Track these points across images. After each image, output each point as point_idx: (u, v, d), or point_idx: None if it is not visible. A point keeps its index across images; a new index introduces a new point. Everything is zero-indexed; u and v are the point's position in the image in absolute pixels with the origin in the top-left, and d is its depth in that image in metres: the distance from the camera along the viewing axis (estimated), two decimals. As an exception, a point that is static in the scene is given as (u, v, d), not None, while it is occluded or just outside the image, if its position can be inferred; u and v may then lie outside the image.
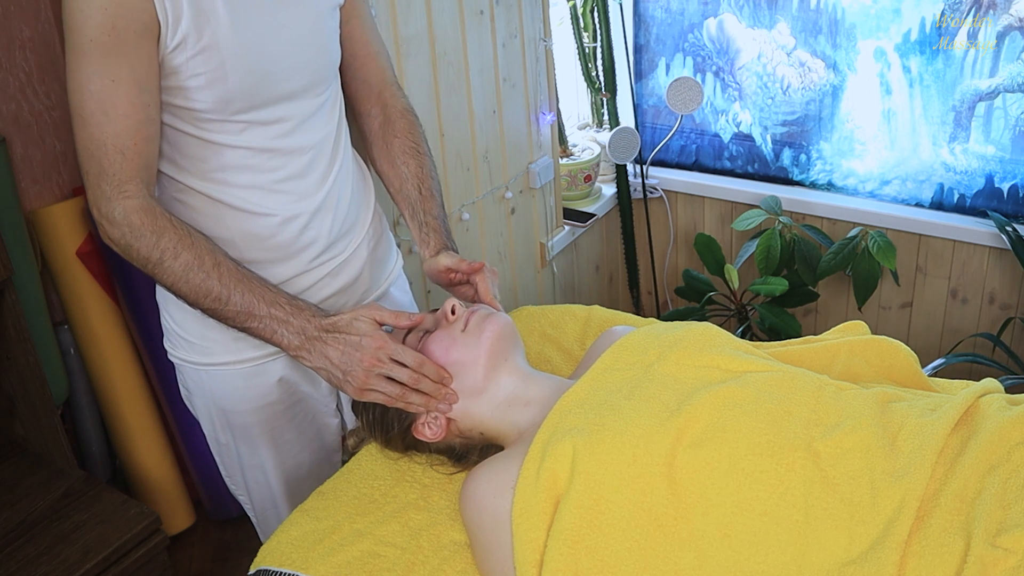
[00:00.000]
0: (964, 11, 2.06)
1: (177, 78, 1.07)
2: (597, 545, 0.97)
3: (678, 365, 1.11)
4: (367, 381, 1.11)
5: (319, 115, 1.22)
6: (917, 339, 2.44)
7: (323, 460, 1.43)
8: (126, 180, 1.06)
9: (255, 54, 1.10)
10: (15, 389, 1.67)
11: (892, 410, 1.04)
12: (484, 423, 1.16)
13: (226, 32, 1.06)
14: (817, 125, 2.38)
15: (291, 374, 1.30)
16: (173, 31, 1.04)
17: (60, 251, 1.87)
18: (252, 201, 1.18)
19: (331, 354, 1.11)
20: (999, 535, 0.88)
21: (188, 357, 1.27)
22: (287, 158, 1.19)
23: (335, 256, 1.28)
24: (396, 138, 1.34)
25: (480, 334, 1.15)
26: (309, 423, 1.37)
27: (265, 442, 1.33)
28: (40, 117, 1.83)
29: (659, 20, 2.52)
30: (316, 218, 1.23)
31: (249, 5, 1.08)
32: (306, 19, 1.16)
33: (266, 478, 1.38)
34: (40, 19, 1.78)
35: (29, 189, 1.85)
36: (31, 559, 1.50)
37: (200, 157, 1.14)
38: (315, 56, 1.19)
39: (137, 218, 1.06)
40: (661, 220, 2.72)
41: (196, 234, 1.10)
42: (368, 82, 1.34)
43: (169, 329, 1.29)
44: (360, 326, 1.12)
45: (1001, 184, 2.18)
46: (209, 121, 1.12)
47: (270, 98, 1.14)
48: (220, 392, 1.28)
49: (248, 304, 1.10)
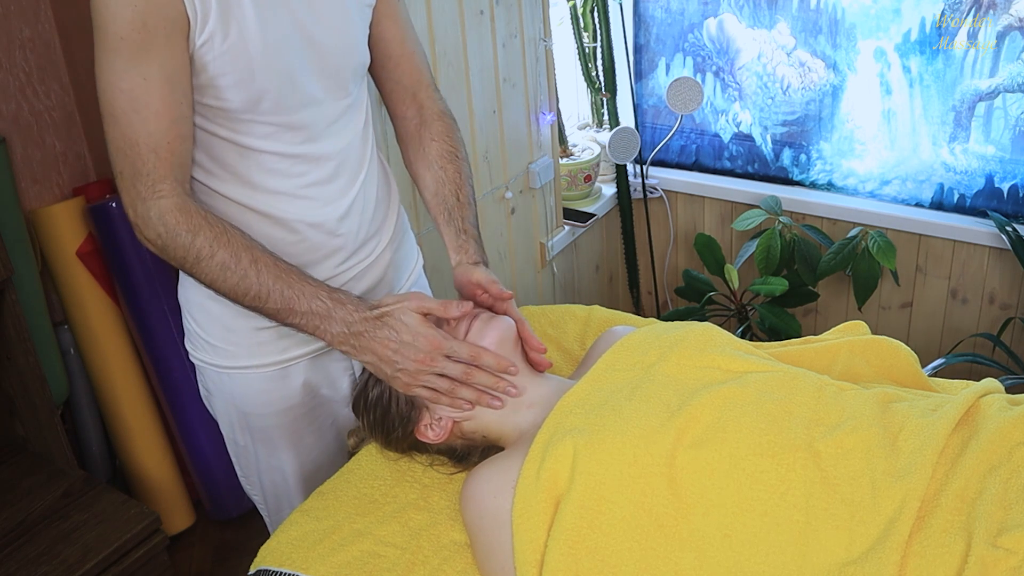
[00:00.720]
0: (964, 11, 2.06)
1: (206, 76, 1.05)
2: (597, 545, 0.97)
3: (679, 365, 1.11)
4: (418, 378, 1.10)
5: (345, 118, 1.20)
6: (917, 339, 2.44)
7: (342, 462, 1.43)
8: (160, 179, 1.04)
9: (282, 55, 1.08)
10: (15, 389, 1.67)
11: (893, 410, 1.04)
12: (488, 426, 1.16)
13: (253, 31, 1.04)
14: (817, 125, 2.38)
15: (313, 377, 1.29)
16: (202, 27, 1.02)
17: (60, 251, 1.87)
18: (279, 207, 1.16)
19: (380, 351, 1.10)
20: (1000, 535, 0.88)
21: (210, 359, 1.26)
22: (314, 163, 1.17)
23: (360, 261, 1.26)
24: (434, 141, 1.30)
25: (482, 338, 1.15)
26: (328, 426, 1.37)
27: (285, 445, 1.32)
28: (40, 117, 1.83)
29: (659, 20, 2.52)
30: (343, 224, 1.22)
31: (276, 4, 1.06)
32: (335, 20, 1.14)
33: (284, 480, 1.37)
34: (40, 19, 1.78)
35: (29, 189, 1.85)
36: (31, 559, 1.50)
37: (229, 161, 1.13)
38: (343, 58, 1.17)
39: (172, 218, 1.05)
40: (661, 220, 2.72)
41: (232, 231, 1.08)
42: (403, 83, 1.30)
43: (191, 331, 1.27)
44: (410, 322, 1.09)
45: (1001, 184, 2.18)
46: (239, 122, 1.10)
47: (298, 100, 1.12)
48: (241, 395, 1.27)
49: (288, 300, 1.08)
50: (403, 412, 1.17)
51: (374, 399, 1.19)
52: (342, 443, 1.41)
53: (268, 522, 1.46)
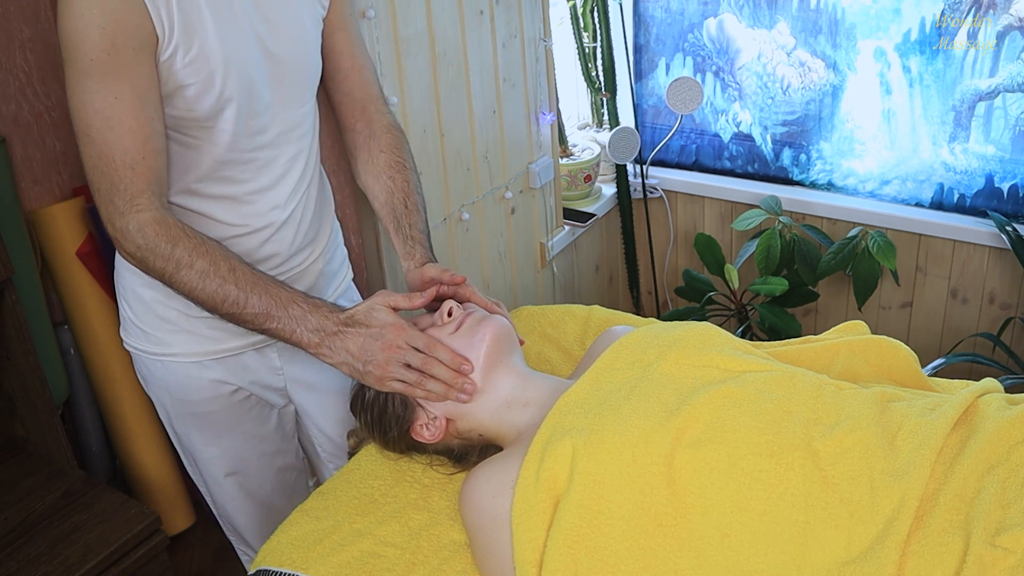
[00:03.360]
0: (964, 11, 2.06)
1: (171, 86, 1.08)
2: (597, 545, 0.97)
3: (677, 365, 1.11)
4: (387, 369, 1.11)
5: (299, 129, 1.24)
6: (917, 339, 2.44)
7: (280, 452, 1.44)
8: (138, 194, 1.06)
9: (242, 65, 1.11)
10: (15, 389, 1.67)
11: (892, 410, 1.04)
12: (483, 424, 1.16)
13: (213, 43, 1.07)
14: (817, 125, 2.38)
15: (245, 369, 1.31)
16: (168, 42, 1.04)
17: (60, 251, 1.87)
18: (220, 210, 1.19)
19: (351, 347, 1.12)
20: (998, 534, 0.88)
21: (141, 346, 1.29)
22: (262, 170, 1.20)
23: (291, 268, 1.29)
24: (382, 153, 1.34)
25: (474, 336, 1.15)
26: (265, 416, 1.38)
27: (217, 435, 1.35)
28: (40, 117, 1.83)
29: (659, 20, 2.52)
30: (280, 231, 1.25)
31: (234, 15, 1.09)
32: (291, 31, 1.17)
33: (220, 470, 1.39)
34: (40, 19, 1.78)
35: (29, 189, 1.85)
36: (31, 559, 1.50)
37: (181, 167, 1.15)
38: (299, 67, 1.20)
39: (151, 230, 1.07)
40: (661, 220, 2.72)
41: (210, 241, 1.11)
42: (352, 95, 1.34)
43: (125, 318, 1.30)
44: (379, 316, 1.12)
45: (1001, 184, 2.18)
46: (200, 129, 1.13)
47: (257, 109, 1.15)
48: (174, 382, 1.29)
49: (266, 306, 1.11)
50: (398, 412, 1.17)
51: (370, 400, 1.20)
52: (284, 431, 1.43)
53: (216, 514, 1.48)
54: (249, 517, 1.45)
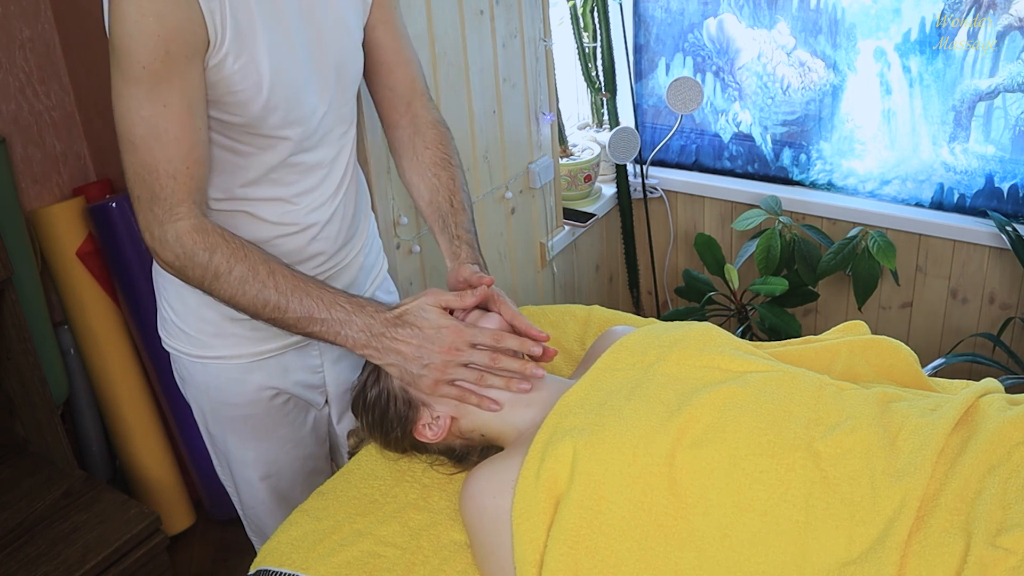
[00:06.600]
0: (964, 11, 2.07)
1: (218, 92, 1.06)
2: (597, 545, 0.97)
3: (678, 365, 1.11)
4: (447, 372, 1.10)
5: (339, 128, 1.22)
6: (917, 339, 2.44)
7: (313, 456, 1.44)
8: (178, 203, 1.04)
9: (289, 73, 1.09)
10: (15, 389, 1.67)
11: (892, 410, 1.04)
12: (486, 424, 1.16)
13: (262, 49, 1.05)
14: (817, 125, 2.38)
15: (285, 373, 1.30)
16: (219, 48, 1.02)
17: (60, 251, 1.87)
18: (268, 212, 1.18)
19: (404, 349, 1.10)
20: (999, 535, 0.88)
21: (183, 348, 1.27)
22: (306, 172, 1.19)
23: (336, 265, 1.28)
24: (427, 149, 1.31)
25: None
26: (302, 420, 1.38)
27: (254, 438, 1.33)
28: (40, 117, 1.83)
29: (659, 20, 2.52)
30: (325, 229, 1.23)
31: (281, 19, 1.07)
32: (337, 33, 1.15)
33: (254, 473, 1.38)
34: (40, 19, 1.78)
35: (29, 189, 1.85)
36: (31, 559, 1.50)
37: (228, 172, 1.14)
38: (344, 69, 1.19)
39: (189, 238, 1.05)
40: (661, 220, 2.72)
41: (249, 246, 1.09)
42: (396, 91, 1.31)
43: (166, 318, 1.28)
44: (431, 318, 1.10)
45: (1001, 184, 2.18)
46: (245, 135, 1.11)
47: (302, 114, 1.13)
48: (214, 385, 1.28)
49: (308, 309, 1.09)
50: (401, 412, 1.17)
51: (372, 400, 1.19)
52: (318, 435, 1.42)
53: (242, 515, 1.47)
54: (278, 520, 1.44)
